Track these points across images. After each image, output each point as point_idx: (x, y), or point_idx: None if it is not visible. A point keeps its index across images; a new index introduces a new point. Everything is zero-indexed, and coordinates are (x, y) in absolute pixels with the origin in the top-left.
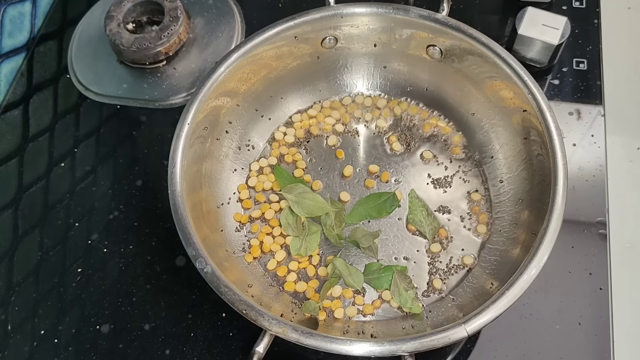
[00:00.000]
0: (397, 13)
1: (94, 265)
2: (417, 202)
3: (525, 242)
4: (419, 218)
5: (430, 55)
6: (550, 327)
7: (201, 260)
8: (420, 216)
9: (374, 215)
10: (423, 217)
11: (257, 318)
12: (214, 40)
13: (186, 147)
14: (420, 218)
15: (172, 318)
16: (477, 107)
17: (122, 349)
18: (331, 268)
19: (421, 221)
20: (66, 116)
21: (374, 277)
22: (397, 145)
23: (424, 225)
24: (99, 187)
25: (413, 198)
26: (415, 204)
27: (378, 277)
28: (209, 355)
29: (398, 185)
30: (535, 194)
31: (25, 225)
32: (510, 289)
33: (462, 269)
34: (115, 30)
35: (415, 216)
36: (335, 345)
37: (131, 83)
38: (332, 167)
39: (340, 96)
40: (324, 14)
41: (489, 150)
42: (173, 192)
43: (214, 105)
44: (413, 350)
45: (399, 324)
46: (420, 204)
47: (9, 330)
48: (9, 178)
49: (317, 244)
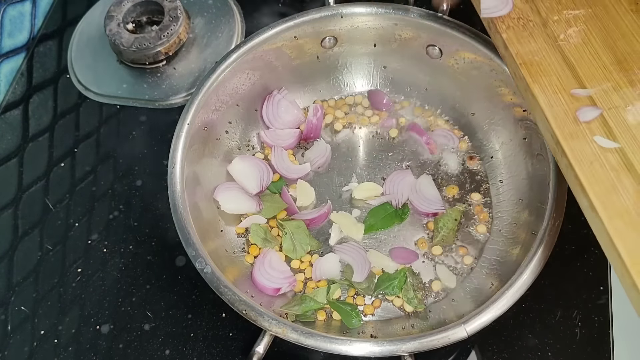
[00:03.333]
0: (397, 13)
1: (94, 265)
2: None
3: (525, 242)
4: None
5: (430, 55)
6: (550, 327)
7: (201, 260)
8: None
9: (387, 225)
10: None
11: (257, 318)
12: (214, 40)
13: (186, 147)
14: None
15: (172, 318)
16: (477, 107)
17: (122, 349)
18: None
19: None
20: (66, 116)
21: (386, 286)
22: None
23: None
24: (99, 187)
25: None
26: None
27: (390, 284)
28: (209, 355)
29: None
30: (535, 194)
31: (25, 225)
32: (510, 289)
33: (462, 269)
34: (115, 30)
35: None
36: (335, 345)
37: (131, 83)
38: (332, 167)
39: (340, 96)
40: (324, 14)
41: (489, 150)
42: (173, 192)
43: (214, 105)
44: (413, 350)
45: (399, 324)
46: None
47: (9, 330)
48: (9, 178)
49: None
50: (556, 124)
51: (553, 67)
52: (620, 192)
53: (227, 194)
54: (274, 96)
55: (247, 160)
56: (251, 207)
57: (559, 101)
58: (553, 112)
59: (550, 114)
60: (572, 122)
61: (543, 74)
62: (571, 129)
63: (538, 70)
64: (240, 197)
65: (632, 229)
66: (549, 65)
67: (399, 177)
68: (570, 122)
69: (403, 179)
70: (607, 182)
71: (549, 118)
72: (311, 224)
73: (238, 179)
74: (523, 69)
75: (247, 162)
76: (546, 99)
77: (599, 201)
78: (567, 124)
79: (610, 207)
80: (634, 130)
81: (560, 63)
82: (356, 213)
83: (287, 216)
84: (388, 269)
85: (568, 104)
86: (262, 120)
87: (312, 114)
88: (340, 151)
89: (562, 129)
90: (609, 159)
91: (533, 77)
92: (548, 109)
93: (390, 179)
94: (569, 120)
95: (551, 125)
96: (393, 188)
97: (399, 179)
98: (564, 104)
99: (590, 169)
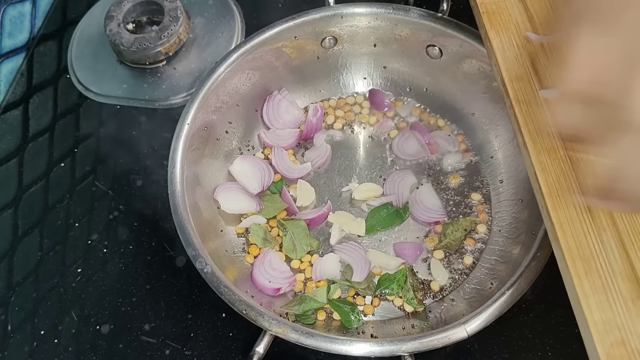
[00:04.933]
0: (397, 13)
1: (94, 266)
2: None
3: (525, 242)
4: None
5: (430, 55)
6: (550, 327)
7: (201, 260)
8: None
9: (388, 225)
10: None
11: (257, 318)
12: (214, 40)
13: (186, 147)
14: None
15: (172, 318)
16: (477, 107)
17: (122, 349)
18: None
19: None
20: (66, 116)
21: (386, 287)
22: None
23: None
24: (99, 187)
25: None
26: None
27: (390, 284)
28: (209, 355)
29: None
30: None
31: (25, 225)
32: (510, 289)
33: (462, 269)
34: (115, 30)
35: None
36: (335, 345)
37: (131, 83)
38: (332, 167)
39: (341, 96)
40: (324, 14)
41: (489, 150)
42: (173, 192)
43: (214, 105)
44: (413, 350)
45: (399, 324)
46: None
47: (9, 330)
48: (9, 178)
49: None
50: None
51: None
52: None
53: (227, 194)
54: (274, 96)
55: (248, 161)
56: (251, 207)
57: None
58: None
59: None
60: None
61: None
62: (518, 72)
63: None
64: (240, 197)
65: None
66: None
67: (399, 177)
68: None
69: (403, 179)
70: (541, 120)
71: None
72: (311, 224)
73: (239, 179)
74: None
75: (249, 162)
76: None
77: (530, 138)
78: (514, 68)
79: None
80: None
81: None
82: (356, 213)
83: (287, 216)
84: (388, 269)
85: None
86: (262, 120)
87: (312, 114)
88: (340, 151)
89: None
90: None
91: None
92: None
93: (391, 179)
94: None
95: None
96: (393, 188)
97: (399, 179)
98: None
99: (528, 108)
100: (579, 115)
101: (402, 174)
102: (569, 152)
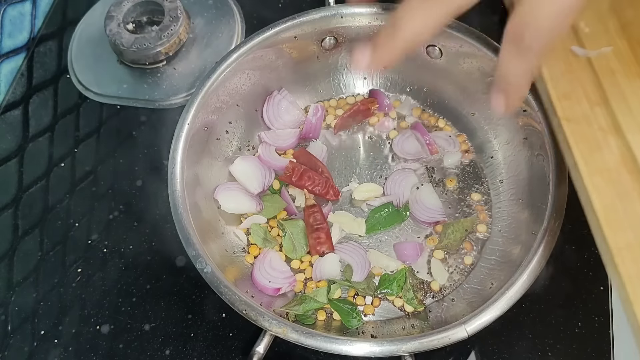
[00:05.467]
0: None
1: (94, 265)
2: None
3: (525, 242)
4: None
5: (430, 55)
6: (550, 327)
7: (201, 260)
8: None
9: (388, 224)
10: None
11: (257, 318)
12: (214, 40)
13: (186, 147)
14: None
15: (172, 318)
16: (477, 107)
17: (122, 349)
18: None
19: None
20: (66, 116)
21: (386, 287)
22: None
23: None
24: (99, 187)
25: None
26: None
27: (390, 284)
28: (209, 355)
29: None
30: (535, 194)
31: (25, 225)
32: (510, 289)
33: (462, 269)
34: (115, 30)
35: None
36: (335, 345)
37: (131, 83)
38: (332, 167)
39: (341, 96)
40: (324, 14)
41: (489, 150)
42: (173, 192)
43: (214, 105)
44: (413, 350)
45: (399, 324)
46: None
47: (9, 330)
48: (9, 178)
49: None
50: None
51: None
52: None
53: (227, 194)
54: (275, 96)
55: (249, 161)
56: (252, 207)
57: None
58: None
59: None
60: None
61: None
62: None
63: None
64: (240, 197)
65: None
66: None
67: (400, 177)
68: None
69: (404, 179)
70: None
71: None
72: None
73: (240, 179)
74: None
75: (249, 163)
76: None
77: (582, 158)
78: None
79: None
80: None
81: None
82: (356, 213)
83: (287, 216)
84: (388, 269)
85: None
86: (262, 120)
87: (312, 114)
88: (340, 151)
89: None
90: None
91: None
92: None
93: (391, 179)
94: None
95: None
96: (394, 188)
97: (399, 179)
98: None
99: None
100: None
101: (402, 173)
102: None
